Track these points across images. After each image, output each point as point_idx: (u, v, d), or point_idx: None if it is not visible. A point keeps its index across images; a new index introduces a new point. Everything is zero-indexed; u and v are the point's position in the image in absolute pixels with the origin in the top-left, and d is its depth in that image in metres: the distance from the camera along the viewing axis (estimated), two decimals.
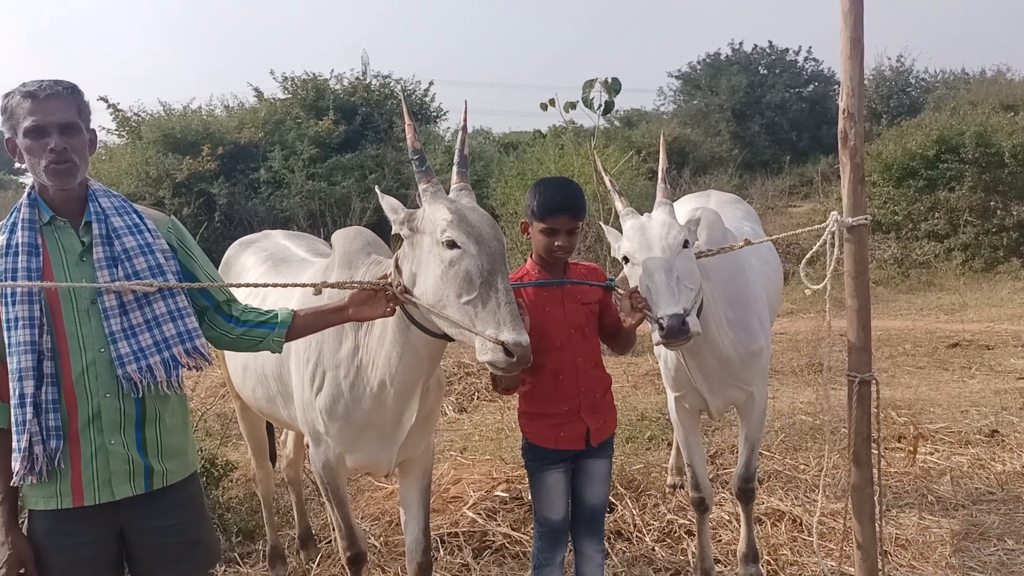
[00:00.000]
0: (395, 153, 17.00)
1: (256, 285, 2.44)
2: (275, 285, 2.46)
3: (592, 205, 10.58)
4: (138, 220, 2.26)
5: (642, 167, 15.48)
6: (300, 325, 2.46)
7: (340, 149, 17.54)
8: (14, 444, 2.12)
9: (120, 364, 2.15)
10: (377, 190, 2.61)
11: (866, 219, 2.79)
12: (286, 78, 19.55)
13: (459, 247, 2.31)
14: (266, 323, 2.43)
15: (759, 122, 25.40)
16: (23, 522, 2.26)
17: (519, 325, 2.25)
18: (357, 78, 19.82)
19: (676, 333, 2.63)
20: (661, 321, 2.65)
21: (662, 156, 3.21)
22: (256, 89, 20.01)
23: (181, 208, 15.65)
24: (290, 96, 19.38)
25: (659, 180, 3.12)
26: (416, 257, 2.44)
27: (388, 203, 2.52)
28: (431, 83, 21.17)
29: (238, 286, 2.44)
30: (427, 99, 20.96)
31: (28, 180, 2.27)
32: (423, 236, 2.42)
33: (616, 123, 26.44)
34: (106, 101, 18.30)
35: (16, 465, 2.12)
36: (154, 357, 2.18)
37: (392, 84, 20.19)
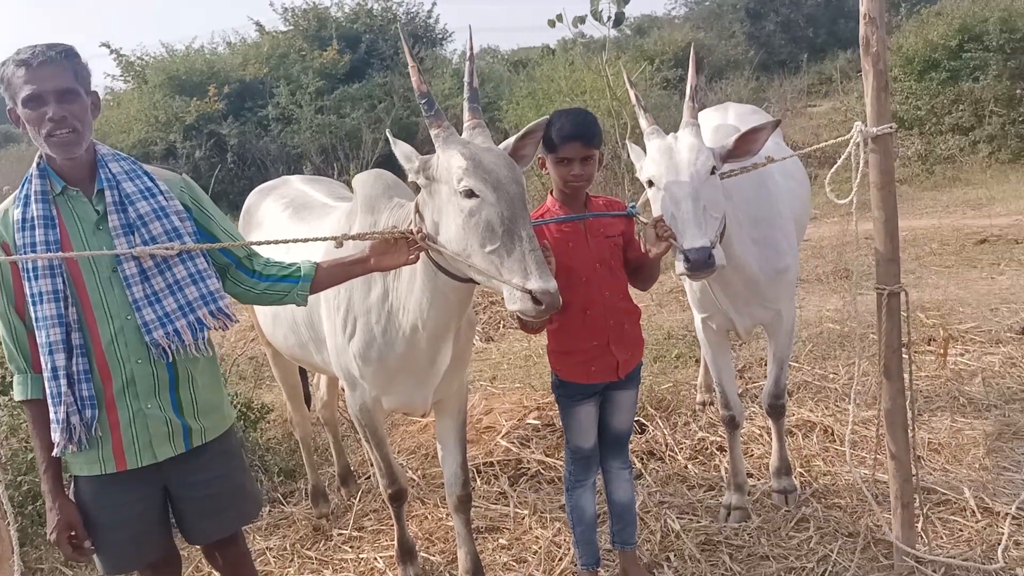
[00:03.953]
0: (402, 80, 16.73)
1: (276, 242, 2.42)
2: (295, 241, 2.44)
3: (607, 121, 10.40)
4: (150, 183, 2.24)
5: (656, 76, 15.13)
6: (323, 277, 2.45)
7: (346, 80, 17.31)
8: (51, 416, 2.16)
9: (147, 331, 2.16)
10: (388, 135, 2.56)
11: (891, 127, 2.72)
12: (286, 9, 19.25)
13: (477, 196, 2.28)
14: (289, 276, 2.43)
15: (774, 20, 24.61)
16: (68, 487, 2.33)
17: (546, 272, 2.23)
18: (359, 4, 19.41)
19: (702, 266, 2.61)
20: (687, 253, 2.62)
21: (691, 71, 3.07)
22: (257, 23, 19.75)
23: (193, 151, 15.64)
24: (292, 28, 19.09)
25: (687, 98, 2.99)
26: (436, 205, 2.41)
27: (401, 150, 2.46)
28: (434, 3, 20.72)
29: (258, 244, 2.42)
30: (431, 21, 20.52)
31: None
32: (440, 184, 2.38)
33: (627, 32, 25.75)
34: (108, 47, 18.13)
35: (56, 436, 2.16)
36: (180, 321, 2.19)
37: (395, 7, 19.75)
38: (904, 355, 2.90)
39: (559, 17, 8.68)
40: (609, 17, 8.67)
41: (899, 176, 11.90)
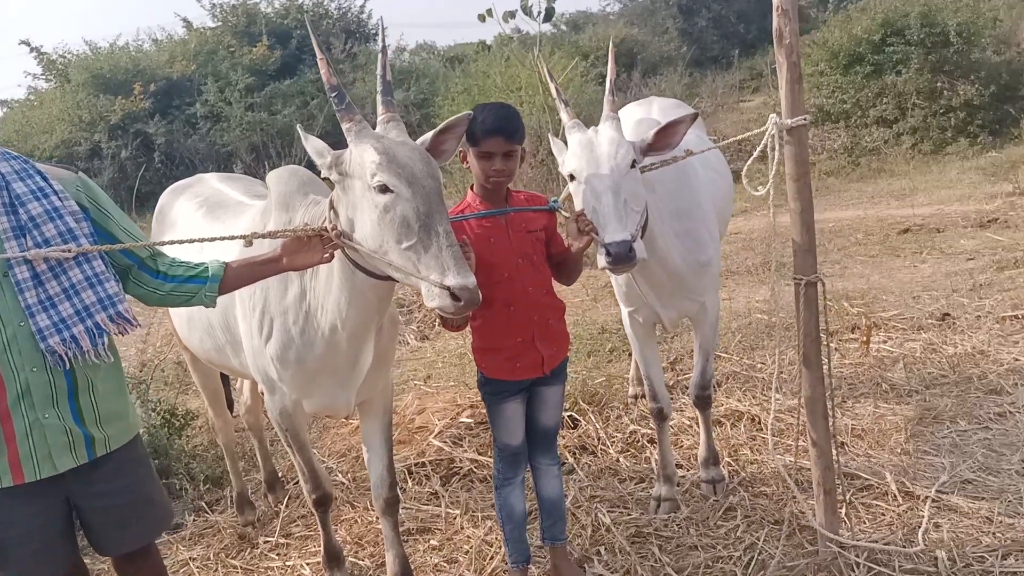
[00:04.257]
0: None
1: (179, 242, 2.33)
2: (200, 240, 2.35)
3: (542, 117, 10.39)
4: (43, 183, 2.13)
5: (591, 72, 15.20)
6: (233, 278, 2.38)
7: (278, 76, 17.03)
8: None
9: (41, 337, 2.06)
10: (299, 130, 2.49)
11: (805, 119, 2.74)
12: (214, 5, 18.79)
13: (392, 191, 2.23)
14: (196, 277, 2.34)
15: (706, 16, 24.98)
16: None
17: (464, 268, 2.20)
18: None
19: (623, 260, 2.61)
20: (608, 247, 2.61)
21: (610, 65, 3.08)
22: (184, 19, 19.27)
23: (119, 151, 15.22)
24: (220, 24, 18.69)
25: (607, 92, 3.00)
26: (350, 202, 2.35)
27: (312, 146, 2.40)
28: None
29: (161, 244, 2.33)
30: (364, 16, 20.29)
31: None
32: (354, 180, 2.33)
33: (563, 28, 25.84)
34: (28, 45, 17.51)
35: None
36: (77, 327, 2.09)
37: (327, 3, 19.48)
38: (824, 343, 2.94)
39: (489, 12, 8.64)
40: (540, 12, 8.66)
41: (826, 168, 12.20)
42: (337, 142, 2.45)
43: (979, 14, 13.12)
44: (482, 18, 8.65)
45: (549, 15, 8.73)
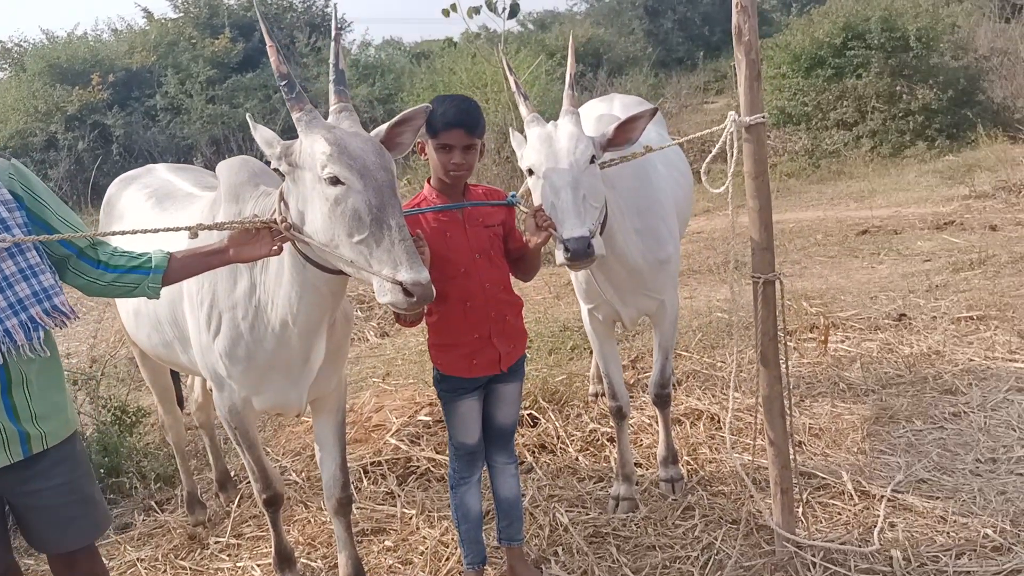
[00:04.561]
0: (299, 70, 16.33)
1: (115, 233, 2.24)
2: (141, 232, 2.26)
3: (507, 114, 10.35)
4: None
5: (556, 71, 15.20)
6: (177, 269, 2.30)
7: (240, 69, 16.80)
8: None
9: None
10: (249, 119, 2.42)
11: (763, 117, 2.74)
12: None
13: (343, 183, 2.17)
14: (139, 268, 2.26)
15: (671, 18, 25.15)
16: None
17: (416, 262, 2.15)
18: None
19: (581, 256, 2.59)
20: (566, 243, 2.57)
21: (570, 59, 3.06)
22: (145, 9, 18.96)
23: (76, 143, 14.89)
24: (182, 15, 18.40)
25: (567, 87, 2.99)
26: (300, 193, 2.29)
27: (261, 135, 2.33)
28: None
29: (101, 235, 2.24)
30: (328, 10, 20.06)
31: None
32: (304, 171, 2.27)
33: (530, 26, 25.86)
34: None
35: None
36: (11, 320, 2.01)
37: None
38: (782, 344, 2.93)
39: (453, 7, 8.52)
40: (504, 8, 8.59)
41: (787, 170, 12.31)
42: (292, 138, 2.39)
43: (938, 19, 13.33)
44: (446, 13, 8.54)
45: (514, 11, 8.65)
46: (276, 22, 18.00)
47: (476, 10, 8.57)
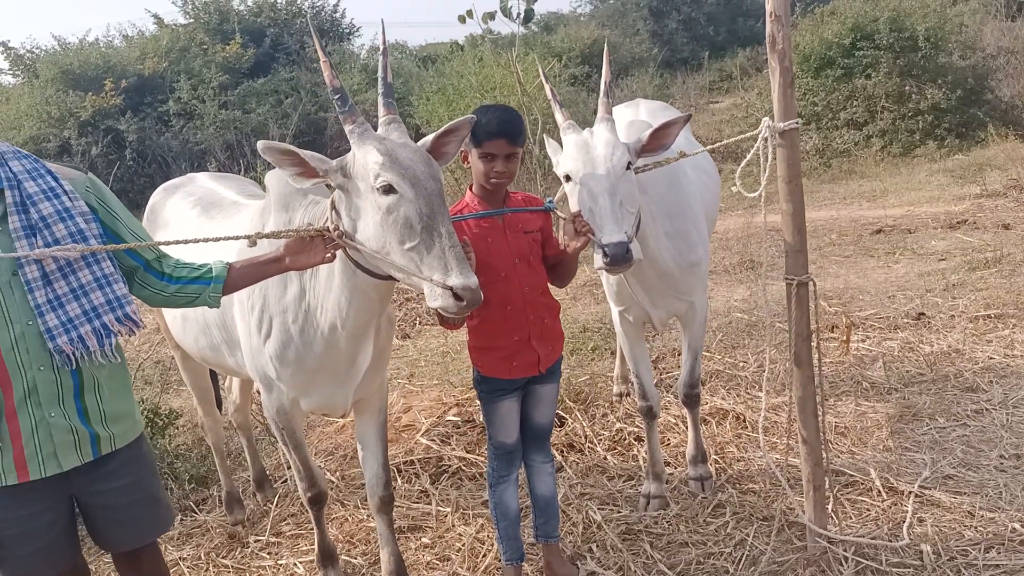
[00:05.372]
0: (310, 75, 16.43)
1: (186, 242, 2.32)
2: (206, 240, 2.35)
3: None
4: (53, 183, 2.13)
5: (564, 73, 15.28)
6: (236, 278, 2.38)
7: (251, 74, 16.90)
8: None
9: (50, 337, 2.05)
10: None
11: (797, 123, 2.80)
12: (186, 1, 18.58)
13: (395, 192, 2.25)
14: (201, 278, 2.35)
15: (676, 18, 25.22)
16: None
17: (466, 268, 2.23)
18: None
19: (620, 261, 2.65)
20: (606, 248, 2.64)
21: (605, 68, 3.09)
22: (156, 16, 19.09)
23: (89, 148, 15.00)
24: (192, 21, 18.53)
25: (601, 94, 3.03)
26: (353, 203, 2.36)
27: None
28: None
29: (167, 244, 2.32)
30: (337, 15, 20.20)
31: None
32: (357, 181, 2.34)
33: (535, 29, 25.89)
34: None
35: None
36: (85, 327, 2.09)
37: (300, 1, 19.36)
38: (814, 343, 3.00)
39: (469, 13, 8.64)
40: (518, 14, 8.69)
41: None
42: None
43: (946, 19, 13.38)
44: (462, 19, 8.66)
45: (528, 16, 8.78)
46: (286, 28, 18.11)
47: (491, 15, 8.68)
